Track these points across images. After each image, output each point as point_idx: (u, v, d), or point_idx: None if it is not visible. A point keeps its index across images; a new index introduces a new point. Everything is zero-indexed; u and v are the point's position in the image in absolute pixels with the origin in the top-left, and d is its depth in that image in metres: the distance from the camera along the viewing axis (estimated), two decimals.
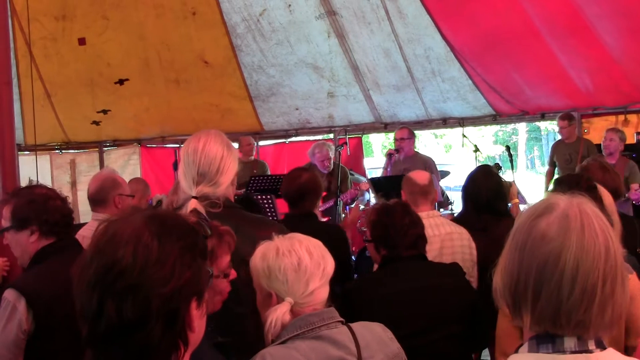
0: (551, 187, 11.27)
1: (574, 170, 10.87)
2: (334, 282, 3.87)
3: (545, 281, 2.06)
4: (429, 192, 6.46)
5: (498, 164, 11.18)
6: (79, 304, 1.98)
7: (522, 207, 8.35)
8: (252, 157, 13.33)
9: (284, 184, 6.65)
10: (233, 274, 3.38)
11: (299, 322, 3.19)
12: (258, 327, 3.82)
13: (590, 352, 2.07)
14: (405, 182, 6.68)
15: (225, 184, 4.02)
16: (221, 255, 3.28)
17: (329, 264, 3.35)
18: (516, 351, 2.20)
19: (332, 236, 5.84)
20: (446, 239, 6.07)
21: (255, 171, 12.65)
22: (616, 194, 5.73)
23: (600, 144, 11.11)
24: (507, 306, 2.20)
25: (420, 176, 6.63)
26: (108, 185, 6.11)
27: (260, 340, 3.85)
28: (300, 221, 5.98)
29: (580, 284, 2.02)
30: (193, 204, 3.81)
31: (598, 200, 4.29)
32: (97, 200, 6.07)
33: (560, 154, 12.29)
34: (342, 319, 3.30)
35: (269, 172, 13.19)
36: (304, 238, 3.40)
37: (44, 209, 4.32)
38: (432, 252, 5.66)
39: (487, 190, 6.61)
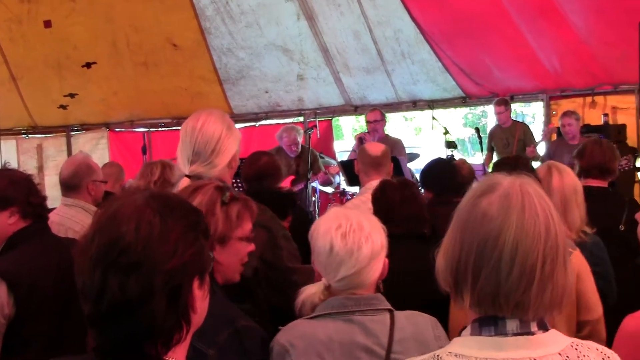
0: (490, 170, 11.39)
1: (512, 154, 11.06)
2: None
3: (485, 261, 2.06)
4: (381, 164, 6.60)
5: (454, 142, 11.31)
6: (80, 282, 1.95)
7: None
8: None
9: (244, 167, 6.68)
10: (250, 246, 3.36)
11: (334, 301, 3.21)
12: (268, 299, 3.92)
13: (532, 334, 2.08)
14: (359, 153, 6.88)
15: (221, 165, 3.99)
16: (246, 219, 3.28)
17: (364, 252, 3.23)
18: (459, 334, 2.20)
19: (298, 217, 5.89)
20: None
21: None
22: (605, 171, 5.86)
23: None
24: (449, 287, 2.19)
25: (374, 148, 6.80)
26: (83, 170, 6.03)
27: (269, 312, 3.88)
28: None
29: (519, 264, 2.03)
30: (184, 182, 3.80)
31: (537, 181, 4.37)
32: (70, 185, 5.99)
33: (498, 139, 12.46)
34: (389, 307, 3.26)
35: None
36: (346, 219, 3.32)
37: (28, 191, 4.32)
38: None
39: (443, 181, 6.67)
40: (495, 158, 12.52)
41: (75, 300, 2.86)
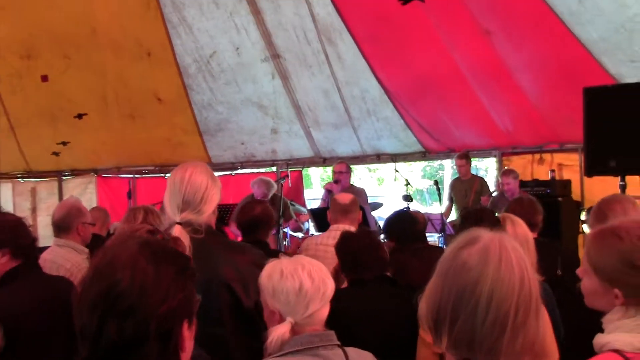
0: (456, 220, 11.45)
1: (469, 204, 11.13)
2: None
3: (463, 307, 2.07)
4: (349, 211, 6.72)
5: (410, 195, 11.42)
6: (79, 324, 1.94)
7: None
8: None
9: (239, 214, 6.73)
10: None
11: (301, 339, 3.19)
12: (238, 349, 3.89)
13: None
14: (331, 203, 7.05)
15: (208, 212, 4.01)
16: None
17: (329, 288, 3.35)
18: None
19: None
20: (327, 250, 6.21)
21: None
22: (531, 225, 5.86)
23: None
24: (429, 329, 2.20)
25: (343, 197, 6.98)
26: (74, 213, 5.99)
27: (242, 358, 3.87)
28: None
29: (493, 312, 2.04)
30: (177, 229, 3.80)
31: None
32: (61, 226, 5.94)
33: (457, 190, 12.50)
34: (338, 343, 3.29)
35: None
36: (307, 262, 3.40)
37: (16, 234, 4.32)
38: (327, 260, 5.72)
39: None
40: (454, 208, 12.59)
41: (56, 335, 2.85)
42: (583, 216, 10.53)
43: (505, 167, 11.74)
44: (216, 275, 3.83)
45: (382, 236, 11.65)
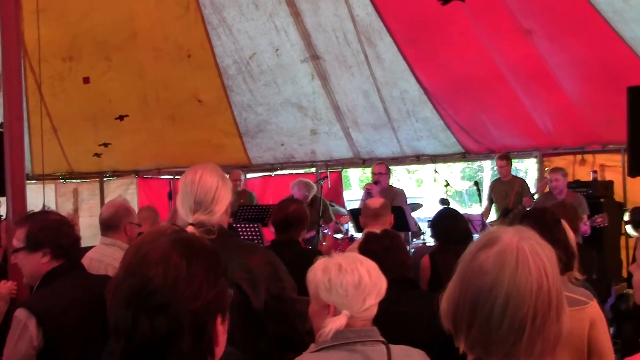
0: (496, 221, 11.42)
1: (510, 205, 11.03)
2: None
3: (478, 312, 2.04)
4: (379, 215, 6.75)
5: (446, 199, 11.35)
6: (113, 320, 1.94)
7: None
8: (240, 189, 13.28)
9: (274, 213, 6.72)
10: None
11: (337, 335, 3.18)
12: (245, 350, 3.77)
13: None
14: (362, 208, 7.15)
15: (220, 213, 4.00)
16: None
17: (385, 284, 3.37)
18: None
19: (312, 261, 5.86)
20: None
21: (242, 201, 12.65)
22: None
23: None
24: (449, 329, 2.16)
25: (373, 202, 7.04)
26: (121, 212, 6.03)
27: (249, 359, 3.85)
28: (285, 247, 6.00)
29: (508, 319, 1.99)
30: (190, 230, 3.70)
31: (562, 234, 4.29)
32: (109, 225, 5.98)
33: (497, 191, 12.37)
34: (383, 339, 3.27)
35: (256, 202, 13.16)
36: (363, 259, 3.44)
37: (57, 234, 4.33)
38: None
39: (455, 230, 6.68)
40: (493, 209, 12.50)
41: (97, 335, 2.84)
42: (626, 217, 10.40)
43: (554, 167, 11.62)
44: (228, 275, 3.79)
45: (422, 237, 11.70)
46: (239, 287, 3.83)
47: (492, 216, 12.43)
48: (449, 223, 6.80)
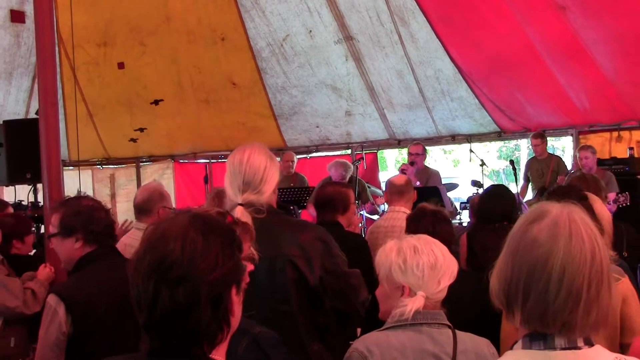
0: (533, 200, 11.42)
1: (546, 184, 11.00)
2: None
3: (534, 284, 2.07)
4: (404, 192, 6.91)
5: (478, 181, 11.36)
6: (135, 293, 2.09)
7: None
8: (292, 171, 13.34)
9: (314, 195, 6.76)
10: (250, 266, 3.22)
11: (404, 315, 3.27)
12: (305, 325, 3.93)
13: (579, 348, 2.09)
14: (386, 185, 7.20)
15: (269, 192, 4.03)
16: (246, 241, 3.22)
17: (456, 267, 3.44)
18: (511, 348, 2.22)
19: (354, 244, 5.95)
20: (393, 231, 6.39)
21: (292, 184, 12.74)
22: None
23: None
24: (502, 305, 2.21)
25: (397, 179, 7.21)
26: (155, 197, 6.06)
27: (309, 334, 3.94)
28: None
29: (565, 288, 2.04)
30: (239, 210, 3.85)
31: (589, 209, 4.33)
32: (143, 209, 6.03)
33: (534, 169, 12.41)
34: (449, 324, 3.36)
35: (307, 185, 13.19)
36: (435, 241, 3.51)
37: (90, 220, 4.35)
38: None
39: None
40: (530, 188, 12.52)
41: (128, 320, 2.96)
42: None
43: (583, 144, 11.61)
44: (280, 253, 3.92)
45: (458, 217, 11.73)
46: (294, 264, 3.89)
47: (529, 195, 12.45)
48: (488, 201, 6.79)
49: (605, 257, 2.10)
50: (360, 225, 11.15)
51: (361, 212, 11.05)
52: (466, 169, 21.33)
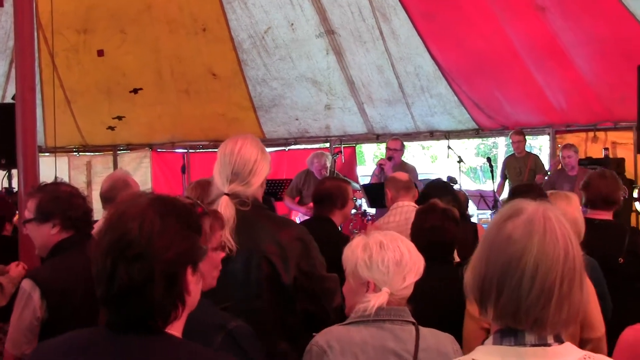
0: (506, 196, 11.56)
1: (524, 182, 11.14)
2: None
3: (508, 280, 2.11)
4: (410, 187, 6.96)
5: (453, 177, 11.48)
6: (95, 269, 2.24)
7: None
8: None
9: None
10: (221, 254, 3.36)
11: (367, 311, 3.33)
12: (274, 322, 3.96)
13: (549, 345, 2.15)
14: (390, 181, 7.18)
15: (256, 185, 4.07)
16: (217, 230, 3.32)
17: (422, 264, 3.48)
18: (482, 343, 2.29)
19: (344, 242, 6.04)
20: (407, 224, 6.33)
21: None
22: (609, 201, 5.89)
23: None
24: (475, 300, 2.26)
25: (401, 175, 7.25)
26: (119, 185, 6.03)
27: (277, 332, 3.97)
28: (314, 224, 6.12)
29: (538, 284, 2.08)
30: (224, 200, 3.91)
31: None
32: (107, 198, 5.98)
33: (512, 167, 12.62)
34: (413, 321, 3.40)
35: None
36: (403, 238, 3.55)
37: (68, 206, 4.37)
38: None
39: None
40: (507, 185, 12.69)
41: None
42: (635, 194, 10.58)
43: (566, 143, 11.78)
44: (257, 248, 3.93)
45: None
46: (270, 261, 3.91)
47: (506, 192, 12.60)
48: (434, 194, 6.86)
49: (579, 256, 2.16)
50: None
51: None
52: (444, 166, 21.46)
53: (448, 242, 5.05)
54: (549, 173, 12.05)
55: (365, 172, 18.19)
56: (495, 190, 12.06)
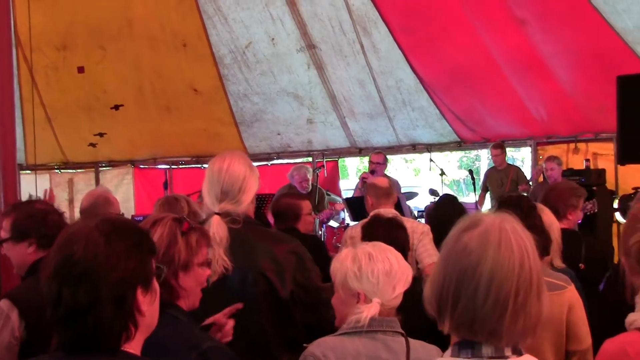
0: (491, 207, 11.61)
1: (504, 193, 11.21)
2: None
3: (463, 290, 2.15)
4: (390, 194, 6.94)
5: (435, 190, 11.57)
6: (44, 292, 2.27)
7: None
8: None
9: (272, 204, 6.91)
10: (207, 271, 3.37)
11: (360, 322, 3.35)
12: (275, 337, 4.00)
13: (506, 357, 2.18)
14: (370, 188, 7.16)
15: (246, 202, 4.05)
16: (203, 246, 3.32)
17: (411, 274, 3.53)
18: (441, 356, 2.34)
19: (312, 244, 6.09)
20: None
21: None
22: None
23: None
24: (433, 311, 2.27)
25: (381, 181, 7.26)
26: (100, 202, 6.06)
27: (278, 346, 4.00)
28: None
29: (493, 295, 2.11)
30: (216, 220, 3.89)
31: (537, 219, 4.53)
32: (88, 215, 5.93)
33: (493, 179, 12.70)
34: (402, 332, 3.43)
35: None
36: (391, 248, 3.59)
37: (43, 223, 4.32)
38: None
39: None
40: (488, 197, 12.76)
41: None
42: (616, 204, 10.66)
43: (549, 155, 11.85)
44: (253, 265, 3.93)
45: None
46: (266, 277, 3.92)
47: (487, 204, 12.68)
48: (447, 210, 7.01)
49: (536, 267, 2.19)
50: (319, 232, 11.33)
51: (317, 219, 11.17)
52: (426, 179, 21.55)
53: (400, 250, 5.08)
54: (530, 184, 12.13)
55: (348, 186, 18.25)
56: (477, 202, 12.12)
